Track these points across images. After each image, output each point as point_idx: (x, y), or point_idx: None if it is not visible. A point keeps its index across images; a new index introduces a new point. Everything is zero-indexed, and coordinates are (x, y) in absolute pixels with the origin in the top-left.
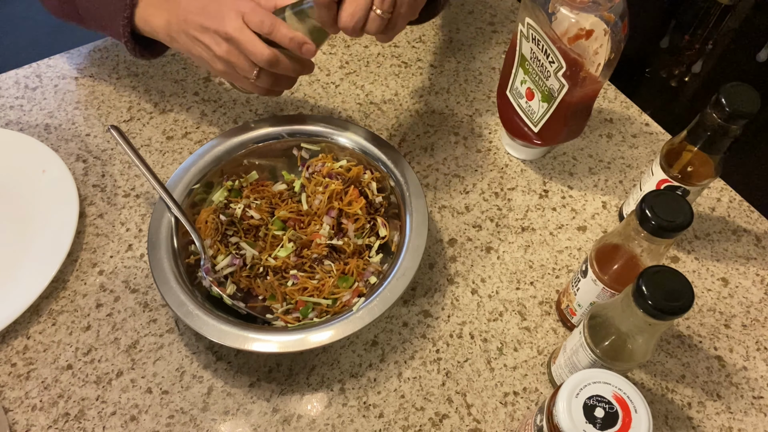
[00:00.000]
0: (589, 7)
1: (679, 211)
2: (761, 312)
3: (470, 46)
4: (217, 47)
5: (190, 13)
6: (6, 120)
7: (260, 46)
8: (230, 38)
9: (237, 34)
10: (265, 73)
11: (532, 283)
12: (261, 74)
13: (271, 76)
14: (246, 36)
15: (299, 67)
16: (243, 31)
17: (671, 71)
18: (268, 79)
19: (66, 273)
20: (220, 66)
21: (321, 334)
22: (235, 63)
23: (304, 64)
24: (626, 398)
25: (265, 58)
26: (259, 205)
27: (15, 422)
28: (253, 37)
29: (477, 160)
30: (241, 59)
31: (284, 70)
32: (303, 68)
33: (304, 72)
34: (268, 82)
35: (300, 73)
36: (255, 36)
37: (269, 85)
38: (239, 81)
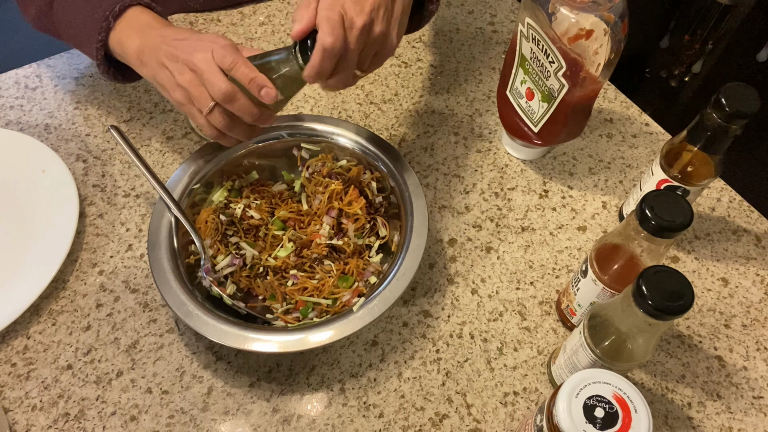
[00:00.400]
0: (589, 7)
1: (679, 211)
2: (761, 312)
3: (470, 46)
4: (179, 75)
5: (165, 42)
6: (6, 120)
7: (220, 78)
8: (194, 68)
9: (201, 65)
10: (219, 109)
11: (532, 283)
12: (215, 110)
13: (225, 115)
14: (209, 67)
15: (256, 112)
16: (208, 62)
17: (671, 71)
18: (222, 117)
19: (66, 273)
20: (178, 95)
21: (321, 334)
22: (192, 93)
23: (262, 111)
24: (626, 398)
25: (222, 90)
26: (259, 205)
27: (15, 422)
28: (216, 69)
29: (477, 160)
30: (200, 90)
31: (239, 110)
32: (260, 115)
33: (261, 120)
34: (222, 121)
35: (257, 121)
36: (219, 70)
37: (222, 124)
38: (194, 116)
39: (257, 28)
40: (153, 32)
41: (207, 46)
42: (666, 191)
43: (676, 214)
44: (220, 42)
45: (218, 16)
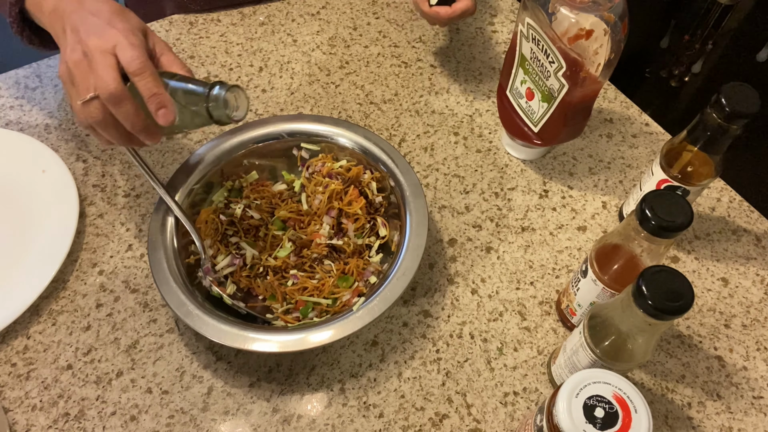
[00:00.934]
0: (589, 7)
1: (679, 211)
2: (761, 312)
3: (470, 46)
4: (70, 52)
5: (78, 10)
6: (6, 120)
7: (111, 76)
8: (87, 52)
9: (95, 53)
10: (99, 104)
11: (532, 283)
12: (94, 102)
13: (103, 111)
14: (104, 59)
15: (140, 125)
16: (104, 54)
17: (671, 71)
18: (99, 113)
19: (66, 273)
20: (63, 69)
21: (321, 334)
22: (75, 75)
23: (147, 126)
24: (626, 398)
25: (109, 90)
26: (259, 205)
27: (15, 422)
28: (110, 64)
29: (477, 160)
30: (85, 75)
31: (122, 115)
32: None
33: (144, 135)
34: (97, 117)
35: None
36: (114, 65)
37: (97, 121)
38: (71, 97)
39: (257, 28)
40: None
41: (113, 36)
42: (666, 191)
43: (676, 214)
44: (131, 39)
45: (218, 16)
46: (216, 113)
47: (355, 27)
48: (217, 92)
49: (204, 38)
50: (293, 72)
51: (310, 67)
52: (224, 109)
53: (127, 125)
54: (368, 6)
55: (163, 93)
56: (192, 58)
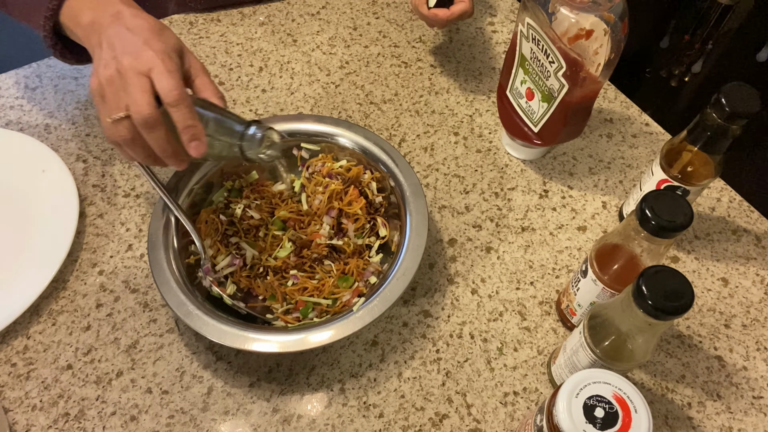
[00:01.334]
0: (589, 7)
1: (679, 211)
2: (761, 312)
3: (470, 46)
4: (104, 68)
5: (115, 23)
6: (6, 120)
7: (146, 99)
8: (122, 72)
9: (131, 73)
10: (128, 124)
11: (532, 283)
12: (124, 122)
13: (132, 132)
14: (139, 81)
15: (170, 152)
16: (139, 75)
17: (671, 71)
18: (128, 133)
19: (66, 273)
20: (94, 83)
21: (321, 334)
22: (106, 92)
23: (178, 155)
24: (626, 398)
25: (144, 115)
26: (259, 205)
27: (15, 422)
28: (146, 87)
29: (477, 160)
30: (117, 94)
31: (153, 141)
32: (174, 159)
33: (171, 161)
34: (126, 137)
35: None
36: (149, 89)
37: (124, 139)
38: (100, 112)
39: (257, 28)
40: (109, 8)
41: (149, 58)
42: (666, 191)
43: (676, 214)
44: (168, 64)
45: (218, 16)
46: (248, 152)
47: (355, 27)
48: (253, 132)
49: (204, 38)
50: (293, 72)
51: (310, 67)
52: (257, 148)
53: (157, 150)
54: (368, 6)
55: (197, 126)
56: None
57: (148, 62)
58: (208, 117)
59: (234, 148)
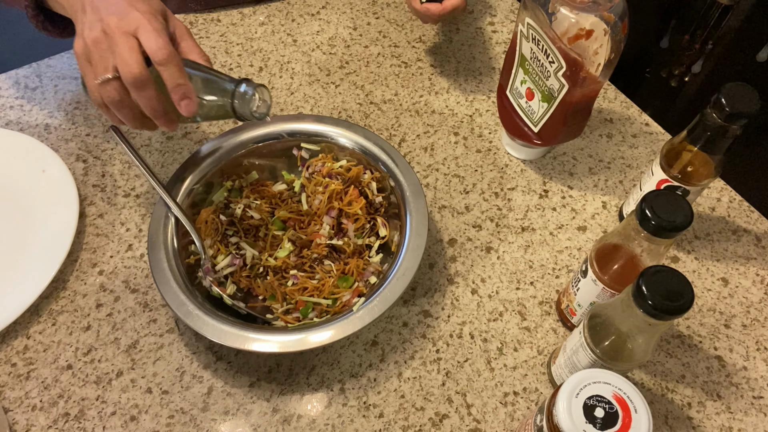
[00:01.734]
0: (589, 7)
1: (679, 211)
2: (761, 312)
3: (470, 46)
4: (89, 30)
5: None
6: (6, 120)
7: (135, 59)
8: (109, 32)
9: (117, 33)
10: (117, 85)
11: (532, 283)
12: (112, 83)
13: (120, 92)
14: (126, 41)
15: (160, 111)
16: (125, 36)
17: (671, 71)
18: (117, 94)
19: (66, 273)
20: (79, 46)
21: (321, 334)
22: (93, 54)
23: (167, 114)
24: (626, 398)
25: (134, 74)
26: (259, 205)
27: (15, 422)
28: (134, 46)
29: (477, 160)
30: (104, 55)
31: (143, 100)
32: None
33: (161, 121)
34: (115, 98)
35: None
36: (137, 48)
37: (113, 101)
38: (87, 76)
39: (257, 28)
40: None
41: (135, 18)
42: (666, 191)
43: (676, 214)
44: (154, 24)
45: (218, 16)
46: (241, 111)
47: (355, 27)
48: (244, 90)
49: (204, 38)
50: (293, 72)
51: (310, 67)
52: (249, 106)
53: (147, 110)
54: (368, 6)
55: (187, 84)
56: None
57: (134, 22)
58: (197, 76)
59: (225, 107)
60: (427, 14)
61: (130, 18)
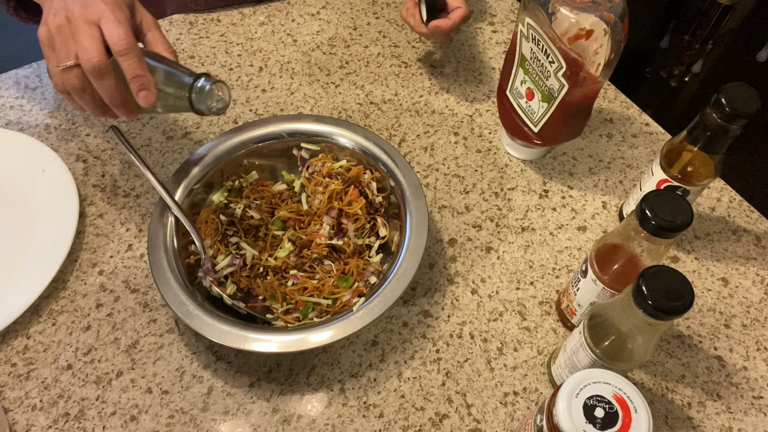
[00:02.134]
0: (589, 7)
1: (679, 211)
2: (761, 312)
3: (470, 46)
4: (53, 17)
5: None
6: (6, 120)
7: (96, 47)
8: (71, 19)
9: (79, 21)
10: (78, 72)
11: (532, 283)
12: (73, 70)
13: (81, 80)
14: (88, 29)
15: (119, 100)
16: (88, 24)
17: (671, 71)
18: (77, 81)
19: (66, 273)
20: (43, 32)
21: (321, 334)
22: (56, 41)
23: (126, 103)
24: (626, 398)
25: (93, 62)
26: (259, 205)
27: (15, 422)
28: (95, 35)
29: (477, 160)
30: (66, 42)
31: (102, 89)
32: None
33: (121, 111)
34: (75, 85)
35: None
36: (99, 36)
37: (74, 88)
38: (49, 61)
39: (257, 28)
40: None
41: (99, 8)
42: (666, 191)
43: (676, 214)
44: (117, 14)
45: (218, 16)
46: (198, 105)
47: (355, 27)
48: (202, 84)
49: (204, 38)
50: (293, 72)
51: (310, 67)
52: (206, 101)
53: (106, 99)
54: (368, 6)
55: (146, 75)
56: (192, 58)
57: (97, 12)
58: (157, 68)
59: (183, 100)
60: (437, 32)
61: (94, 7)
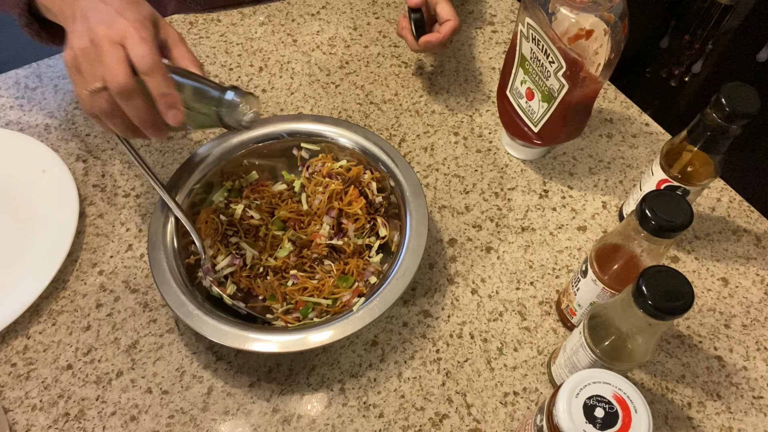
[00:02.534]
0: (589, 7)
1: (679, 211)
2: (761, 312)
3: (470, 46)
4: (78, 39)
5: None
6: (6, 120)
7: (122, 69)
8: (96, 42)
9: (104, 43)
10: (106, 95)
11: (532, 283)
12: (101, 94)
13: (110, 103)
14: (114, 51)
15: (149, 121)
16: (113, 45)
17: (671, 71)
18: (106, 104)
19: (66, 273)
20: (68, 56)
21: (321, 334)
22: (82, 65)
23: (156, 123)
24: (626, 398)
25: (120, 84)
26: (259, 205)
27: (15, 422)
28: (121, 57)
29: (477, 160)
30: (92, 65)
31: (131, 111)
32: (152, 126)
33: (151, 132)
34: (104, 108)
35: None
36: (124, 58)
37: (103, 111)
38: (77, 85)
39: (257, 28)
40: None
41: (122, 27)
42: (666, 191)
43: (676, 214)
44: (141, 32)
45: (218, 16)
46: (227, 119)
47: (355, 27)
48: (231, 99)
49: (204, 38)
50: (293, 72)
51: (310, 67)
52: (236, 115)
53: (135, 120)
54: (368, 6)
55: (172, 93)
56: None
57: (121, 31)
58: (185, 84)
59: (213, 116)
60: (429, 46)
61: (118, 27)
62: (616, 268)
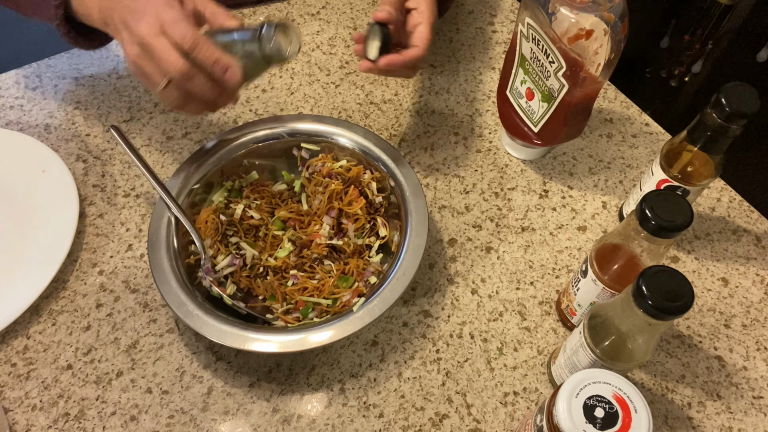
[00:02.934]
0: (589, 7)
1: (679, 211)
2: (761, 312)
3: (470, 46)
4: (129, 46)
5: (118, 5)
6: (6, 120)
7: (173, 56)
8: (142, 42)
9: (150, 40)
10: (174, 86)
11: (532, 283)
12: (170, 86)
13: (181, 90)
14: (159, 43)
15: (217, 91)
16: (157, 38)
17: (671, 71)
18: (178, 93)
19: (66, 273)
20: (131, 65)
21: (321, 334)
22: (143, 68)
23: (226, 90)
24: (626, 398)
25: (177, 69)
26: (259, 205)
27: (15, 422)
28: (167, 45)
29: (477, 160)
30: (150, 65)
31: (197, 88)
32: (223, 95)
33: (224, 99)
34: (178, 98)
35: (219, 99)
36: (170, 45)
37: (179, 100)
38: (151, 88)
39: None
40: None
41: (154, 18)
42: (666, 191)
43: (676, 214)
44: (171, 14)
45: None
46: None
47: (355, 27)
48: (265, 31)
49: None
50: (293, 72)
51: (310, 67)
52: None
53: (206, 95)
54: (368, 6)
55: (221, 58)
56: None
57: (157, 21)
58: (227, 42)
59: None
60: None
61: (152, 19)
62: (616, 268)
